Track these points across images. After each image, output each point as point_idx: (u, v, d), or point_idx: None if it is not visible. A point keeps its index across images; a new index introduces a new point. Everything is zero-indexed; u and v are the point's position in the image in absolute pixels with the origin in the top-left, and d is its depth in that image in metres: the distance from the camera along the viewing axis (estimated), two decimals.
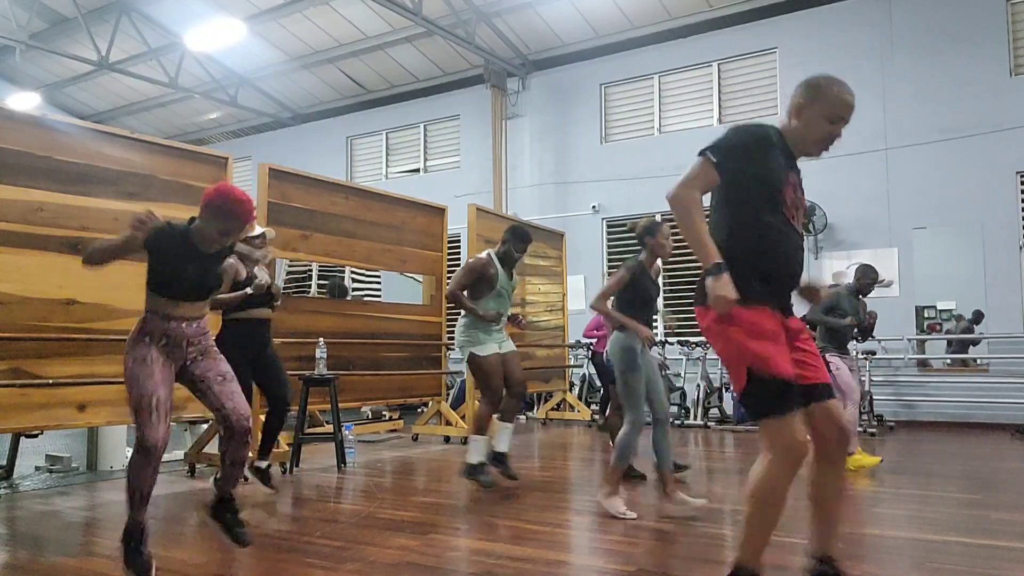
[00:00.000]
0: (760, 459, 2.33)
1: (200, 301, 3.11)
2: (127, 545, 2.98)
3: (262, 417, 5.24)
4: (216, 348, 3.20)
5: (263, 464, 4.96)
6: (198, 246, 3.02)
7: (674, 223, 2.49)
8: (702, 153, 2.36)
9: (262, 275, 4.84)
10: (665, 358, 9.63)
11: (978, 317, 9.06)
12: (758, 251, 2.38)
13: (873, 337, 8.79)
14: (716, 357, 5.69)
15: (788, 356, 2.32)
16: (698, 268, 2.42)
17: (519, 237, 5.22)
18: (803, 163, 2.55)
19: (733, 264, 2.29)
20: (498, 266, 5.14)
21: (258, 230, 4.85)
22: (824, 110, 2.37)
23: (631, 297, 4.37)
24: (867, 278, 6.05)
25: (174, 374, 3.08)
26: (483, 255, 5.22)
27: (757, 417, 2.32)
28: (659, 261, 4.61)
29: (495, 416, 5.09)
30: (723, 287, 2.23)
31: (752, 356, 2.27)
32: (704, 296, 2.33)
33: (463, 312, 5.13)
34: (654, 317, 4.64)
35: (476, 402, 5.49)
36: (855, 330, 6.16)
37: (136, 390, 2.92)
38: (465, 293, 5.11)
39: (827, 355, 5.75)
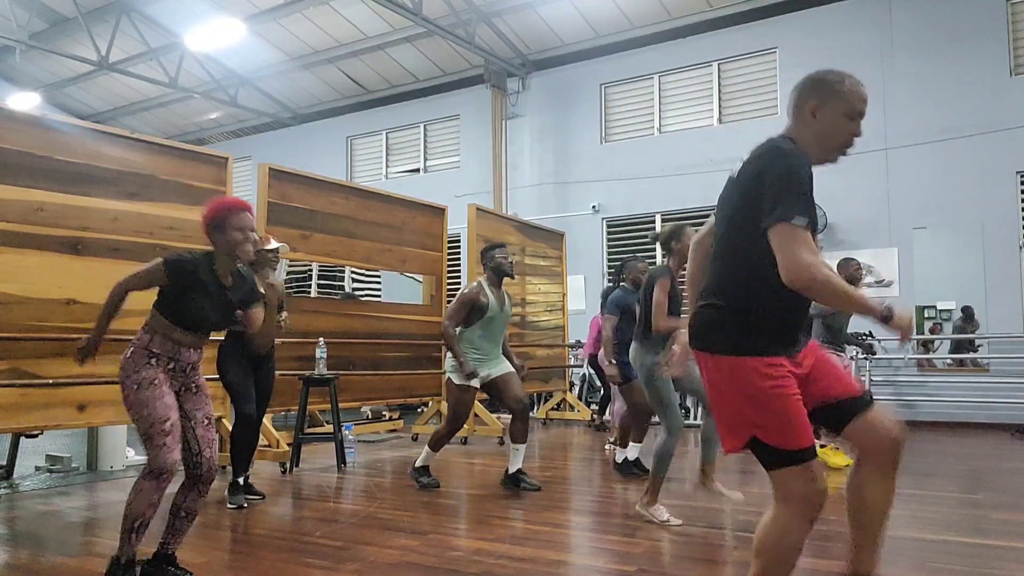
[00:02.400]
0: (771, 509, 2.05)
1: (213, 332, 3.09)
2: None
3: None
4: (204, 383, 3.08)
5: (241, 478, 4.75)
6: (220, 278, 2.96)
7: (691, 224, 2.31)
8: (785, 220, 1.93)
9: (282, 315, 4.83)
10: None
11: (969, 313, 9.06)
12: (785, 299, 2.04)
13: (871, 336, 8.79)
14: None
15: (807, 420, 2.04)
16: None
17: (491, 248, 5.26)
18: None
19: (750, 310, 2.05)
20: (489, 294, 5.11)
21: (273, 244, 4.79)
22: (844, 107, 2.09)
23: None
24: (849, 269, 6.04)
25: (175, 398, 2.97)
26: (474, 284, 5.20)
27: (768, 468, 2.03)
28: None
29: (509, 439, 5.16)
30: (907, 315, 1.99)
31: (760, 424, 2.00)
32: (708, 339, 2.09)
33: (458, 332, 5.10)
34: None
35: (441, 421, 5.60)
36: (847, 329, 6.14)
37: (149, 413, 2.78)
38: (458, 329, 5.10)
39: None
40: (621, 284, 6.03)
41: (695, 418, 9.09)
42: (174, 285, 2.87)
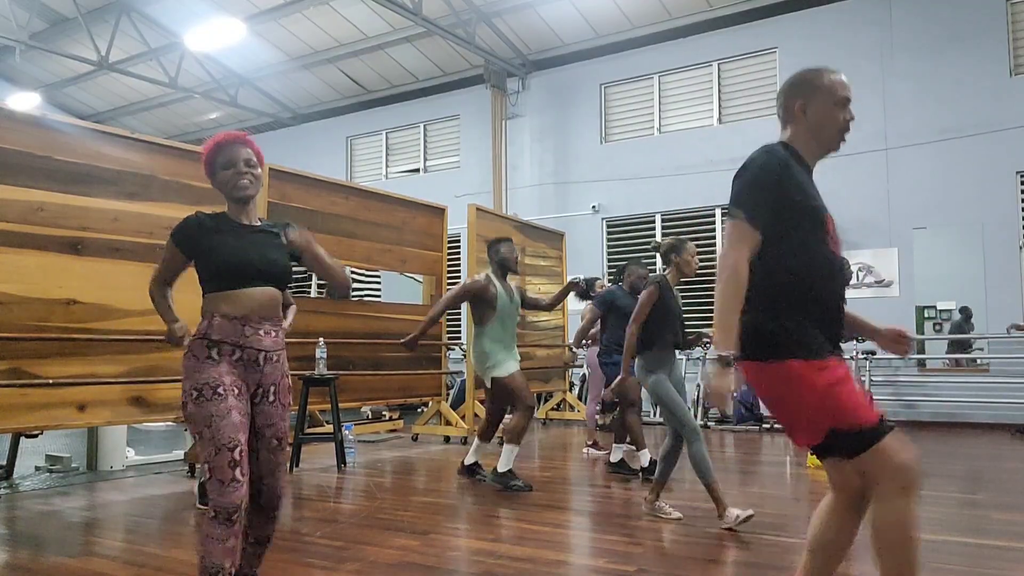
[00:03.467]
0: (874, 499, 2.02)
1: (268, 287, 2.43)
2: None
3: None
4: (289, 385, 2.54)
5: None
6: (234, 219, 2.49)
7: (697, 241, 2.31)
8: (730, 216, 2.09)
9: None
10: None
11: (968, 314, 9.06)
12: (815, 294, 2.09)
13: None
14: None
15: (862, 394, 2.06)
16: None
17: (498, 242, 5.30)
18: None
19: (783, 313, 2.07)
20: (497, 285, 5.14)
21: None
22: (829, 98, 2.18)
23: (656, 314, 4.41)
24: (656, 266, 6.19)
25: (248, 404, 2.40)
26: (480, 276, 5.22)
27: (851, 456, 2.02)
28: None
29: (505, 437, 5.15)
30: (725, 380, 2.01)
31: (836, 413, 2.00)
32: (760, 348, 2.07)
33: (475, 334, 5.15)
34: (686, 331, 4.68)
35: (506, 414, 5.52)
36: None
37: (212, 435, 2.25)
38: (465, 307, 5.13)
39: None
40: (619, 285, 6.11)
41: (694, 418, 9.09)
42: (193, 251, 2.45)
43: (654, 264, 10.87)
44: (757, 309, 2.09)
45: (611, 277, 6.94)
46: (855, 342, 8.68)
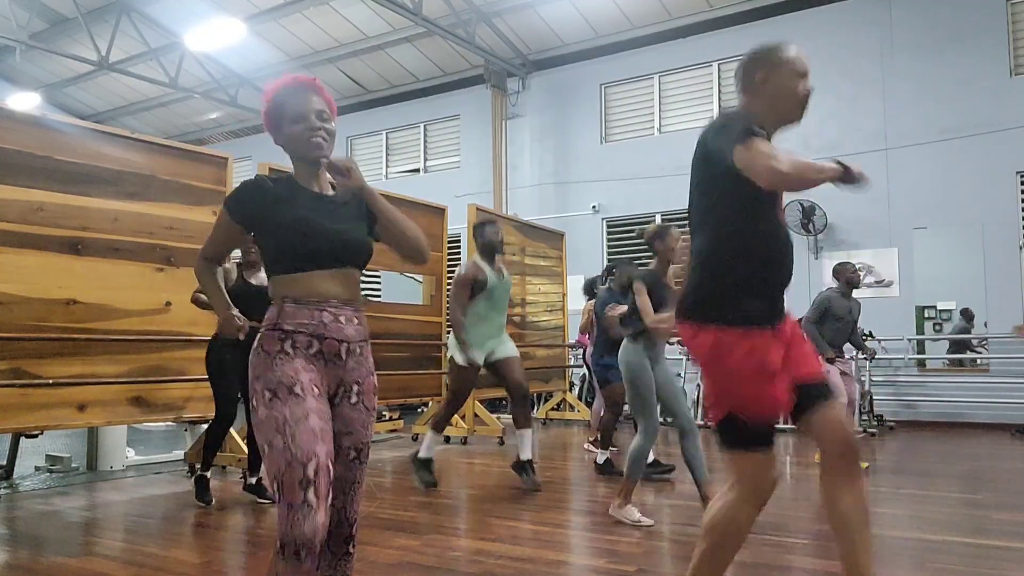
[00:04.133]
0: (724, 491, 2.12)
1: (349, 268, 2.02)
2: None
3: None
4: (375, 385, 2.07)
5: (253, 480, 4.71)
6: (305, 186, 2.02)
7: (681, 227, 2.28)
8: (748, 137, 1.97)
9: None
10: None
11: (969, 315, 9.06)
12: (761, 262, 2.10)
13: (872, 337, 8.78)
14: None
15: (782, 389, 2.05)
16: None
17: (482, 225, 5.31)
18: None
19: (725, 278, 2.08)
20: (485, 268, 5.15)
21: None
22: (790, 69, 2.15)
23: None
24: (847, 273, 6.05)
25: (328, 407, 1.93)
26: (468, 263, 5.24)
27: (728, 449, 2.09)
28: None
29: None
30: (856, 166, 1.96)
31: (739, 399, 2.04)
32: (695, 311, 2.10)
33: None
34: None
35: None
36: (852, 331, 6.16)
37: (285, 445, 1.77)
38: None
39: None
40: (608, 288, 5.99)
41: (694, 417, 9.10)
42: (253, 223, 1.99)
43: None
44: (705, 272, 2.12)
45: (603, 277, 6.90)
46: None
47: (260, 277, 4.60)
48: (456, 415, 7.86)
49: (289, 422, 1.79)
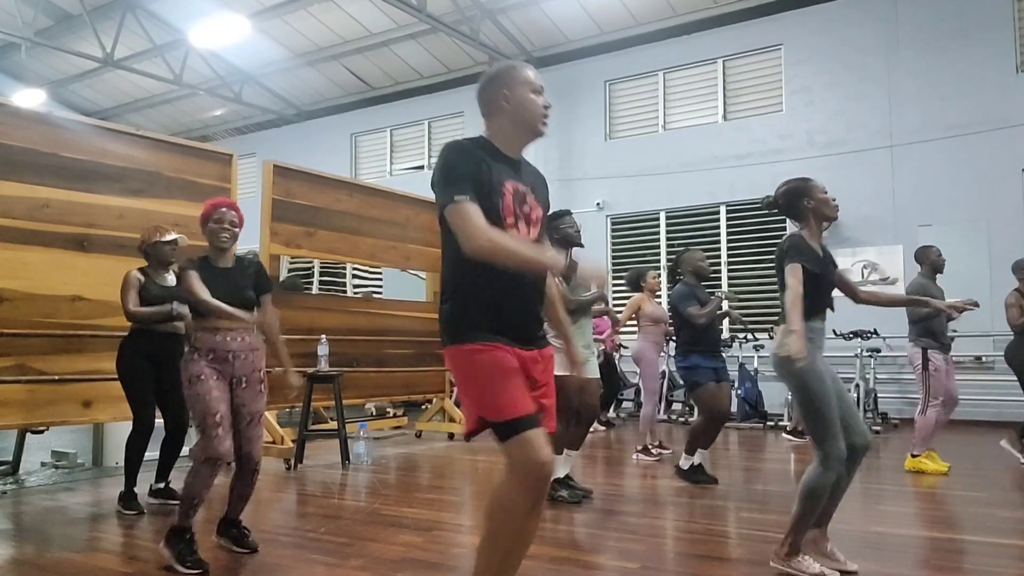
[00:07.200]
0: (502, 483, 2.09)
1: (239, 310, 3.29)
2: (179, 544, 3.13)
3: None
4: (260, 377, 3.40)
5: (160, 485, 4.59)
6: (215, 263, 3.37)
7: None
8: (449, 202, 2.08)
9: (182, 308, 4.15)
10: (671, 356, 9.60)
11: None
12: (481, 280, 2.11)
13: (876, 334, 8.76)
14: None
15: (524, 392, 2.08)
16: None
17: (556, 218, 5.16)
18: (804, 161, 2.48)
19: (463, 300, 2.14)
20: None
21: (170, 236, 4.32)
22: (527, 86, 2.25)
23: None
24: (932, 255, 6.08)
25: (228, 390, 3.27)
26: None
27: (499, 442, 2.07)
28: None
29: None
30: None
31: (488, 407, 2.07)
32: (444, 333, 2.18)
33: None
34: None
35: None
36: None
37: (199, 407, 3.15)
38: None
39: (929, 353, 5.76)
40: (680, 279, 5.47)
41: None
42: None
43: (657, 256, 10.89)
44: (445, 294, 2.22)
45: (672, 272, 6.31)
46: (859, 339, 8.67)
47: (168, 279, 4.44)
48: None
49: (201, 392, 3.18)
